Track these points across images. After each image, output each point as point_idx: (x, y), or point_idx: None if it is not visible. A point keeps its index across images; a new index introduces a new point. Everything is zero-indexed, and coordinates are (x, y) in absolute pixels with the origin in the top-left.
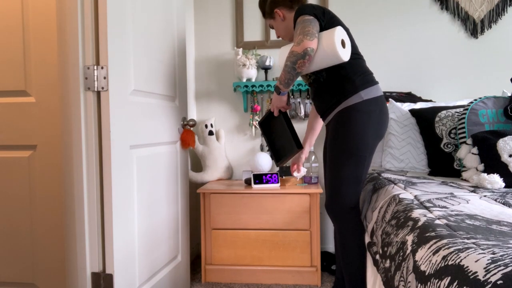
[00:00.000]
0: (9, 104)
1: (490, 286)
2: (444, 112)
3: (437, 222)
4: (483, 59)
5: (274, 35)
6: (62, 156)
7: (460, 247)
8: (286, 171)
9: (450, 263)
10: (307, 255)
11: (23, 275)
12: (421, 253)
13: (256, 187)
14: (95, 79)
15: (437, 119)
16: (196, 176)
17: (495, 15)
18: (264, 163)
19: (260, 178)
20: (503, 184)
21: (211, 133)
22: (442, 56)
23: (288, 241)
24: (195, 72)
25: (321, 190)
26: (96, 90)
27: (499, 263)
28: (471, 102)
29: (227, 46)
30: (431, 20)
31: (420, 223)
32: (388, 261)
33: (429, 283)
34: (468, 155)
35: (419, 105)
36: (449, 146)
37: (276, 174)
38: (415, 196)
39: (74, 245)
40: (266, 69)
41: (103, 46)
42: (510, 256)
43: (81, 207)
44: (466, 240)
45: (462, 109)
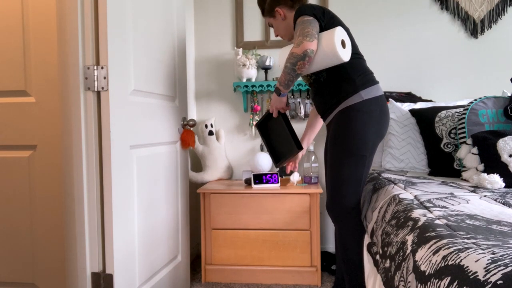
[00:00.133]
0: (9, 104)
1: (490, 286)
2: (444, 112)
3: (437, 222)
4: (483, 59)
5: (274, 35)
6: (62, 156)
7: (460, 247)
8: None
9: (450, 263)
10: (307, 255)
11: (23, 275)
12: (421, 253)
13: (256, 187)
14: (95, 79)
15: (437, 119)
16: (196, 176)
17: (495, 15)
18: (264, 163)
19: (260, 178)
20: (503, 184)
21: (211, 133)
22: (442, 56)
23: (288, 241)
24: (195, 72)
25: (321, 190)
26: (96, 90)
27: (499, 263)
28: (471, 102)
29: (227, 46)
30: (431, 20)
31: (420, 223)
32: (388, 261)
33: (429, 283)
34: (468, 155)
35: (419, 105)
36: (449, 146)
37: (276, 174)
38: (415, 196)
39: (74, 245)
40: (266, 69)
41: (103, 46)
42: (510, 256)
43: (81, 207)
44: (466, 240)
45: (462, 109)
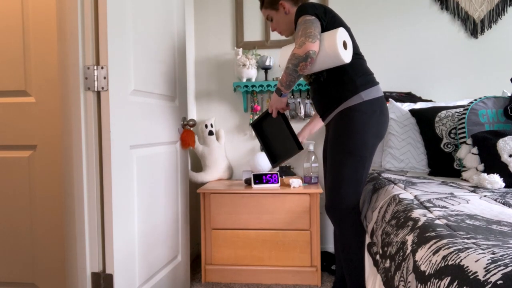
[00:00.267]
0: (9, 104)
1: (490, 286)
2: (444, 112)
3: (437, 222)
4: (483, 59)
5: (275, 35)
6: (62, 156)
7: (460, 247)
8: (286, 171)
9: (450, 263)
10: (307, 255)
11: (23, 275)
12: (421, 253)
13: (256, 187)
14: (95, 79)
15: (437, 119)
16: (196, 176)
17: (495, 15)
18: (264, 163)
19: (260, 178)
20: (503, 184)
21: (211, 133)
22: (442, 56)
23: (288, 241)
24: (195, 72)
25: (321, 190)
26: (96, 90)
27: (499, 263)
28: (471, 102)
29: (227, 46)
30: (431, 20)
31: (420, 223)
32: (388, 261)
33: (429, 283)
34: (468, 155)
35: (419, 105)
36: (449, 146)
37: (276, 174)
38: (415, 196)
39: (74, 245)
40: (266, 69)
41: (103, 46)
42: (510, 256)
43: (81, 207)
44: (466, 240)
45: (462, 109)
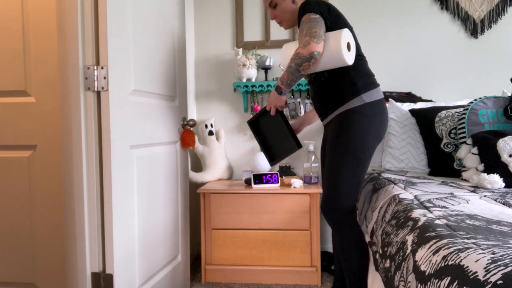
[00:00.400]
0: (9, 104)
1: (490, 286)
2: (444, 112)
3: (437, 222)
4: (483, 59)
5: (274, 35)
6: (62, 156)
7: (460, 247)
8: (286, 171)
9: (450, 263)
10: (307, 255)
11: (23, 275)
12: (421, 253)
13: (256, 187)
14: (95, 79)
15: (437, 119)
16: (196, 176)
17: (495, 15)
18: (264, 163)
19: (260, 178)
20: (503, 184)
21: (211, 133)
22: (442, 56)
23: (288, 241)
24: (195, 72)
25: (321, 190)
26: (96, 90)
27: (499, 263)
28: (471, 102)
29: (227, 46)
30: (431, 20)
31: (420, 223)
32: (388, 261)
33: (429, 283)
34: (468, 155)
35: (419, 105)
36: (449, 146)
37: (276, 174)
38: (415, 196)
39: (74, 245)
40: (266, 69)
41: (103, 46)
42: (510, 256)
43: (81, 207)
44: (466, 240)
45: (462, 109)
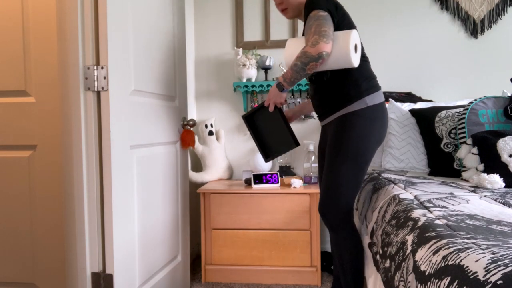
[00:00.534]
0: (9, 104)
1: (490, 286)
2: (444, 112)
3: (437, 222)
4: (483, 59)
5: (275, 35)
6: (62, 156)
7: (460, 247)
8: (286, 171)
9: (450, 263)
10: (307, 255)
11: (23, 275)
12: (421, 253)
13: (256, 187)
14: (95, 79)
15: (437, 119)
16: (196, 176)
17: (495, 15)
18: (264, 163)
19: (260, 178)
20: (503, 184)
21: (211, 133)
22: (442, 56)
23: (288, 241)
24: (195, 72)
25: None
26: (96, 90)
27: (499, 263)
28: (471, 102)
29: (227, 46)
30: (431, 20)
31: (420, 223)
32: (388, 261)
33: (429, 283)
34: (468, 155)
35: (419, 105)
36: (449, 146)
37: (276, 174)
38: (415, 196)
39: (74, 245)
40: (266, 69)
41: (103, 46)
42: (510, 256)
43: (81, 207)
44: (466, 240)
45: (462, 109)
